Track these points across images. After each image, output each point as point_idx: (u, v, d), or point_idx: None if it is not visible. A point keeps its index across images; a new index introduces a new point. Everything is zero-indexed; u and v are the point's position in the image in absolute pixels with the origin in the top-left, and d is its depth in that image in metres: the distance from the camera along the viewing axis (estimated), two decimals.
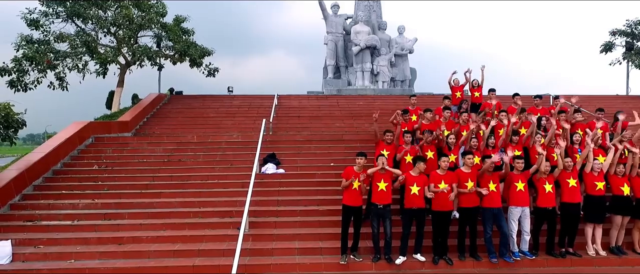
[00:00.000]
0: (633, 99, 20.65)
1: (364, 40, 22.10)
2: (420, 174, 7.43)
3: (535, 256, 7.65)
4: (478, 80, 12.81)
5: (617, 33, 22.17)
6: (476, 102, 12.16)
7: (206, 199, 9.58)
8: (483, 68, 12.54)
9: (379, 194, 7.44)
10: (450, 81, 12.54)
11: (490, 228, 7.52)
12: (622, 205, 7.75)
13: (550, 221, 7.69)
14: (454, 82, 12.69)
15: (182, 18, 19.83)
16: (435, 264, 7.46)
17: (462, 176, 7.47)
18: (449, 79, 12.48)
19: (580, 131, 9.58)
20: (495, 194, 7.48)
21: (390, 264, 7.43)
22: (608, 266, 7.62)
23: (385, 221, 7.47)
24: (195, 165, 11.35)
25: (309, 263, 7.45)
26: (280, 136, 13.56)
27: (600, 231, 7.84)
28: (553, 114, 10.01)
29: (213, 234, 8.26)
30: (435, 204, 7.43)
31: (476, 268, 7.47)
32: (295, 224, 8.70)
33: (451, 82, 12.42)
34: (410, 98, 11.40)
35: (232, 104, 18.57)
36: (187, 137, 13.15)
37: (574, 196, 7.65)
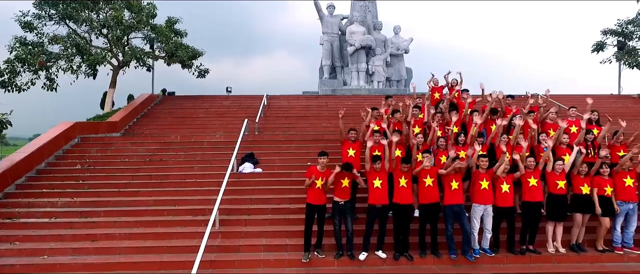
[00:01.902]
0: (622, 99, 20.70)
1: (359, 41, 22.27)
2: (381, 171, 7.61)
3: (495, 254, 7.80)
4: (457, 80, 12.99)
5: (608, 32, 22.16)
6: (454, 102, 12.31)
7: (182, 197, 9.82)
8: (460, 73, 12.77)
9: (341, 191, 7.65)
10: (429, 82, 12.70)
11: (452, 226, 7.69)
12: (582, 204, 7.88)
13: (508, 219, 7.84)
14: (433, 83, 12.88)
15: (174, 19, 20.16)
16: (395, 260, 7.64)
17: (422, 173, 7.64)
18: (428, 80, 12.65)
19: (552, 130, 9.70)
20: (457, 192, 7.64)
21: (352, 260, 7.61)
22: (566, 263, 7.74)
23: (346, 217, 7.67)
24: (175, 164, 11.60)
25: (273, 260, 7.66)
26: (263, 135, 13.79)
27: (560, 229, 7.97)
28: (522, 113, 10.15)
29: (184, 232, 8.49)
30: (396, 197, 7.60)
31: (436, 264, 7.64)
32: (265, 222, 8.91)
33: (430, 83, 12.58)
34: (385, 99, 11.56)
35: (222, 104, 18.83)
36: (170, 137, 13.41)
37: (534, 195, 7.79)
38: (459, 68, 30.72)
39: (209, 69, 20.79)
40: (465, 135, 8.90)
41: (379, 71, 22.88)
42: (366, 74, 22.79)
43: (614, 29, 21.98)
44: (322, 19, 23.61)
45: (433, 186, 7.68)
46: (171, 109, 18.20)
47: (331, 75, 23.83)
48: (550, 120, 10.07)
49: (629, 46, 22.10)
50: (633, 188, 7.82)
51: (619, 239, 7.97)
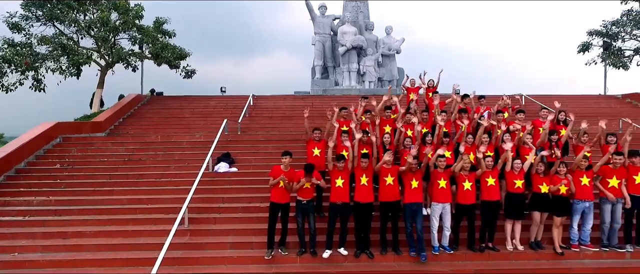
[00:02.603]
0: (606, 99, 20.88)
1: (350, 41, 22.46)
2: (344, 170, 7.81)
3: (454, 251, 7.99)
4: (434, 80, 13.22)
5: (594, 33, 22.30)
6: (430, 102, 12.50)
7: (156, 196, 10.02)
8: (441, 71, 12.98)
9: (304, 190, 7.84)
10: (405, 83, 12.91)
11: (411, 224, 7.87)
12: (540, 202, 8.06)
13: (469, 217, 8.03)
14: (409, 84, 13.12)
15: (163, 20, 20.36)
16: (356, 257, 7.83)
17: (383, 171, 7.83)
18: (404, 82, 12.86)
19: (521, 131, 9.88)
20: (416, 191, 7.82)
21: (314, 257, 7.81)
22: (523, 260, 7.93)
23: (309, 215, 7.86)
24: (152, 164, 11.79)
25: (237, 257, 7.87)
26: (244, 135, 13.99)
27: (519, 227, 8.16)
28: (491, 114, 10.35)
29: (154, 230, 8.69)
30: (357, 196, 7.80)
31: (396, 261, 7.83)
32: (234, 221, 9.10)
33: (406, 84, 12.80)
34: (361, 99, 11.74)
35: (209, 104, 19.04)
36: (151, 137, 13.61)
37: (492, 194, 7.98)
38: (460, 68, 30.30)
39: (195, 70, 21.02)
40: (433, 136, 9.08)
41: (370, 71, 23.06)
42: (357, 74, 22.98)
43: (599, 29, 22.10)
44: (313, 19, 23.81)
45: (393, 185, 7.86)
46: (158, 109, 18.43)
47: (323, 75, 24.05)
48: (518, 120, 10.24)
49: (614, 47, 22.26)
50: (589, 187, 7.99)
51: (576, 236, 8.15)
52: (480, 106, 11.29)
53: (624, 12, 21.28)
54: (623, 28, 21.39)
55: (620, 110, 18.89)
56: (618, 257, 8.00)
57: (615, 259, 7.95)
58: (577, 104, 19.85)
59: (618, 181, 7.94)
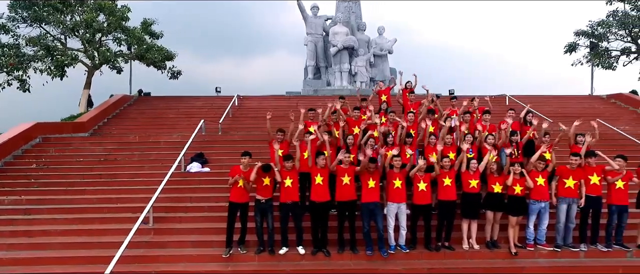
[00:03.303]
0: (590, 99, 20.94)
1: (341, 41, 22.61)
2: (293, 170, 7.95)
3: (410, 250, 8.11)
4: (412, 82, 13.36)
5: (580, 34, 22.34)
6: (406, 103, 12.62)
7: (126, 195, 10.18)
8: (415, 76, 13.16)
9: (263, 189, 7.99)
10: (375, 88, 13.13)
11: (368, 223, 8.00)
12: (494, 202, 8.17)
13: (425, 217, 8.16)
14: (378, 86, 13.33)
15: (150, 21, 20.54)
16: (313, 255, 7.97)
17: (340, 171, 7.97)
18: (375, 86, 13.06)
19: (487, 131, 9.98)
20: (373, 190, 7.95)
21: (272, 255, 7.95)
22: (479, 259, 8.05)
23: (267, 214, 8.01)
24: (127, 164, 11.97)
25: (196, 255, 8.02)
26: (222, 136, 14.16)
27: (475, 226, 8.27)
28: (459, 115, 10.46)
29: (119, 228, 8.80)
30: (312, 195, 7.94)
31: (352, 260, 7.96)
32: (199, 220, 9.26)
33: (376, 87, 13.01)
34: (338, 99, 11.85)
35: (194, 105, 19.21)
36: (129, 137, 13.79)
37: (448, 194, 8.10)
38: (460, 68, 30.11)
39: (181, 71, 21.19)
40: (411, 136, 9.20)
41: (362, 72, 23.18)
42: (349, 74, 23.13)
43: (585, 30, 22.15)
44: (306, 19, 23.99)
45: (350, 184, 8.00)
46: (144, 109, 18.65)
47: (316, 75, 24.24)
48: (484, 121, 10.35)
49: (601, 47, 22.31)
50: (545, 187, 8.09)
51: (532, 236, 8.25)
52: (452, 107, 11.41)
53: (609, 13, 21.31)
54: (609, 28, 21.43)
55: (603, 110, 18.96)
56: (572, 256, 8.10)
57: (570, 258, 8.05)
58: (561, 105, 19.97)
59: (574, 182, 8.04)
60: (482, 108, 11.07)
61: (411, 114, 10.26)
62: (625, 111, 18.98)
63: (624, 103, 19.64)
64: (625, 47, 22.08)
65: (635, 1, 20.70)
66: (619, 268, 7.80)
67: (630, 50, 21.96)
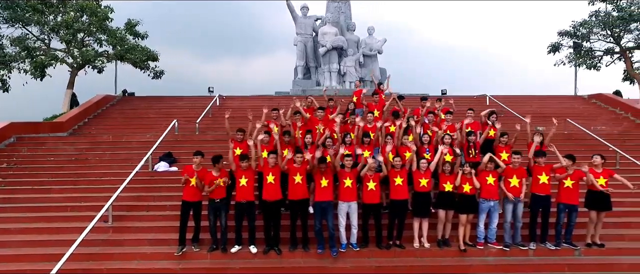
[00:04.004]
0: (571, 100, 21.01)
1: (330, 41, 22.73)
2: (248, 169, 8.08)
3: (361, 248, 8.23)
4: (384, 84, 13.58)
5: (564, 34, 22.40)
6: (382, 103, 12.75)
7: (92, 194, 10.31)
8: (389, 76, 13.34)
9: (217, 189, 8.11)
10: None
11: (320, 221, 8.12)
12: (445, 201, 8.28)
13: (375, 215, 8.27)
14: (354, 86, 13.44)
15: (135, 22, 20.71)
16: (265, 254, 8.10)
17: (292, 170, 8.10)
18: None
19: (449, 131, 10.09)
20: (325, 189, 8.07)
21: (224, 253, 8.08)
22: (429, 258, 8.16)
23: (221, 214, 8.13)
24: (98, 163, 12.11)
25: (150, 253, 8.16)
26: (198, 135, 14.28)
27: (426, 224, 8.38)
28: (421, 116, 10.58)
29: (78, 227, 8.87)
30: (264, 194, 8.06)
31: (303, 258, 8.08)
32: (159, 218, 9.39)
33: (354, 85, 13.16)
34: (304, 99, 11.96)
35: (176, 105, 19.34)
36: (103, 137, 13.92)
37: (399, 193, 8.21)
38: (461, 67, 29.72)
39: (164, 71, 21.34)
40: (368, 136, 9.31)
41: (351, 72, 23.27)
42: (338, 74, 23.23)
43: (569, 30, 22.20)
44: (295, 19, 24.12)
45: (302, 183, 8.12)
46: (125, 109, 18.79)
47: (306, 75, 24.36)
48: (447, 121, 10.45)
49: (584, 48, 22.37)
50: (494, 186, 8.19)
51: (482, 235, 8.35)
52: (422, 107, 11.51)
53: (591, 13, 21.38)
54: (591, 29, 21.49)
55: (582, 110, 19.06)
56: (521, 254, 8.22)
57: (518, 257, 8.16)
58: (542, 105, 20.05)
59: (518, 180, 8.15)
60: (445, 109, 11.18)
61: (370, 114, 10.39)
62: (604, 111, 19.06)
63: (603, 103, 19.73)
64: (608, 48, 22.14)
65: (616, 1, 20.74)
66: (565, 267, 7.91)
67: (613, 50, 22.02)
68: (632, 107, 18.22)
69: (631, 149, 13.12)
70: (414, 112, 10.79)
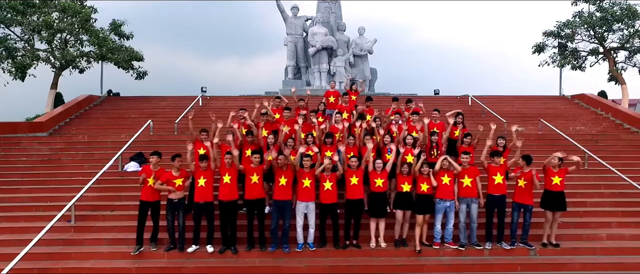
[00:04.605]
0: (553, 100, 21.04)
1: (320, 42, 22.81)
2: (207, 169, 8.14)
3: (318, 248, 8.29)
4: (358, 84, 13.64)
5: (549, 34, 22.41)
6: (354, 104, 12.81)
7: (58, 194, 10.37)
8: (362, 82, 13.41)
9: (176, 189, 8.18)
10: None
11: (277, 220, 8.20)
12: (403, 201, 8.34)
13: (332, 215, 8.33)
14: (329, 87, 13.54)
15: (120, 22, 20.79)
16: (221, 254, 8.16)
17: (249, 170, 8.16)
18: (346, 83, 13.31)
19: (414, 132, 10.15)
20: (283, 188, 8.13)
21: (181, 253, 8.15)
22: (384, 257, 8.21)
23: (179, 214, 8.20)
24: (70, 163, 12.19)
25: (108, 252, 8.22)
26: (177, 135, 14.33)
27: (383, 225, 8.43)
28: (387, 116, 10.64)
29: (41, 226, 8.94)
30: (220, 194, 8.13)
31: (259, 257, 8.15)
32: (122, 218, 9.45)
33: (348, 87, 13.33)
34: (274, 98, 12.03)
35: (159, 105, 19.43)
36: (78, 137, 14.00)
37: (355, 193, 8.27)
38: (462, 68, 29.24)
39: (147, 71, 21.42)
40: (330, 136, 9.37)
41: (341, 72, 23.34)
42: (328, 74, 23.30)
43: (553, 30, 22.21)
44: (285, 20, 24.23)
45: (258, 183, 8.19)
46: (108, 109, 18.87)
47: (296, 75, 24.46)
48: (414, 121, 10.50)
49: (569, 48, 22.39)
50: (450, 187, 8.24)
51: (439, 234, 8.40)
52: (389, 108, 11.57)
53: (575, 13, 21.39)
54: (576, 29, 21.50)
55: (563, 110, 19.11)
56: (477, 254, 8.27)
57: (473, 257, 8.21)
58: (525, 105, 20.10)
59: (470, 180, 8.21)
60: (416, 109, 11.22)
61: (338, 115, 10.45)
62: (585, 111, 19.11)
63: (585, 104, 19.78)
64: (593, 48, 22.16)
65: (599, 2, 20.76)
66: (518, 266, 7.96)
67: (598, 51, 22.04)
68: (613, 107, 18.27)
69: (603, 149, 13.20)
70: (385, 112, 10.86)
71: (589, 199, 10.20)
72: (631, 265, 7.89)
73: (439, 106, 13.37)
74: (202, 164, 8.12)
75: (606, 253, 8.28)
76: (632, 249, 8.36)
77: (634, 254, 8.23)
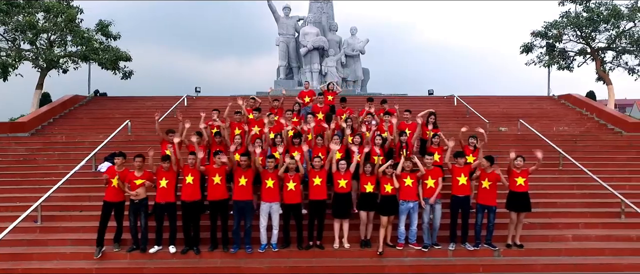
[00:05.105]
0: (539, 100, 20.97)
1: (311, 42, 22.83)
2: (169, 170, 8.14)
3: (281, 249, 8.28)
4: (334, 84, 13.64)
5: (536, 34, 22.36)
6: (329, 104, 12.80)
7: (30, 195, 10.33)
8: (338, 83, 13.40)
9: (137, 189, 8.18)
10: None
11: (238, 221, 8.19)
12: (367, 202, 8.31)
13: (296, 216, 8.32)
14: (304, 87, 13.55)
15: (107, 23, 20.80)
16: (183, 254, 8.15)
17: (211, 171, 8.15)
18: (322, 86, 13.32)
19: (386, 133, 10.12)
20: (243, 188, 8.12)
21: (143, 253, 8.14)
22: (348, 258, 8.19)
23: (141, 214, 8.19)
24: (45, 164, 12.18)
25: (70, 253, 8.23)
26: (147, 136, 14.32)
27: (347, 225, 8.41)
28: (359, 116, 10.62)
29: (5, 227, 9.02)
30: (183, 195, 8.12)
31: (222, 258, 8.13)
32: (90, 218, 9.41)
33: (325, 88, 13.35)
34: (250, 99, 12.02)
35: (144, 105, 19.44)
36: (56, 137, 14.00)
37: (318, 194, 8.25)
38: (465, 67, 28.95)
39: (133, 71, 21.43)
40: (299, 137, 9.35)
41: (332, 72, 23.33)
42: (319, 74, 23.28)
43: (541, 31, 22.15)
44: (277, 20, 24.25)
45: (221, 184, 8.18)
46: (93, 110, 18.89)
47: (288, 76, 24.47)
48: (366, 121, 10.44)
49: (557, 48, 22.35)
50: (413, 188, 8.20)
51: (403, 235, 8.37)
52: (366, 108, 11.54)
53: (562, 14, 21.34)
54: (563, 29, 21.44)
55: (549, 111, 19.07)
56: (440, 255, 8.25)
57: (436, 257, 8.19)
58: (511, 105, 20.06)
59: (433, 181, 8.19)
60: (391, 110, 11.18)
61: (310, 115, 10.43)
62: (571, 111, 19.07)
63: (571, 104, 19.74)
64: (581, 49, 22.10)
65: (586, 2, 20.71)
66: (480, 267, 7.94)
67: (586, 51, 21.99)
68: (597, 108, 18.23)
69: (580, 150, 13.18)
70: (359, 113, 10.85)
71: (560, 200, 10.17)
72: (592, 266, 7.86)
73: (428, 106, 13.39)
74: (165, 165, 8.11)
75: (570, 254, 8.25)
76: (596, 250, 8.33)
77: (597, 255, 8.20)
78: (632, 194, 10.19)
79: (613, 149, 13.47)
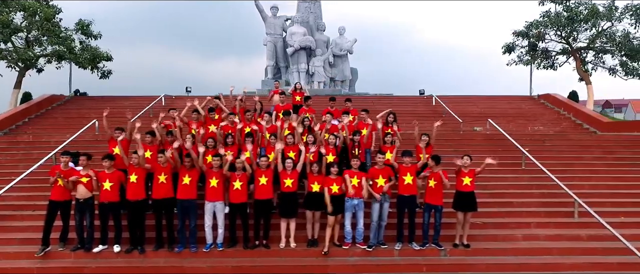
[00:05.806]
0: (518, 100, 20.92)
1: (298, 41, 22.80)
2: (113, 172, 8.11)
3: (227, 248, 8.24)
4: (302, 84, 13.66)
5: (518, 34, 22.29)
6: (297, 104, 12.77)
7: None
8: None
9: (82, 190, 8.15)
10: None
11: (182, 220, 8.17)
12: (312, 201, 8.27)
13: (242, 215, 8.28)
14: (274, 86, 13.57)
15: (87, 22, 20.78)
16: (127, 253, 8.12)
17: (157, 169, 8.13)
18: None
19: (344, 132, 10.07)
20: (187, 187, 8.09)
21: (87, 252, 8.11)
22: (293, 258, 8.15)
23: (86, 214, 8.17)
24: (7, 163, 12.16)
25: (14, 252, 8.21)
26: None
27: (293, 225, 8.37)
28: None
29: None
30: (128, 194, 8.09)
31: (166, 257, 8.10)
32: (40, 218, 9.25)
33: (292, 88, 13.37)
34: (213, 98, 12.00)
35: (122, 105, 19.34)
36: (23, 136, 13.98)
37: (264, 193, 8.21)
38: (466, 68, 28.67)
39: (111, 71, 21.42)
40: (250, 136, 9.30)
41: (319, 72, 23.32)
42: (307, 74, 23.25)
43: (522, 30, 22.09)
44: (265, 19, 24.21)
45: (166, 183, 8.15)
46: (70, 109, 18.91)
47: (276, 75, 24.42)
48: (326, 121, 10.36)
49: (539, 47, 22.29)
50: (358, 187, 8.13)
51: (349, 234, 8.31)
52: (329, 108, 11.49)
53: (542, 13, 21.27)
54: (544, 29, 21.37)
55: (526, 110, 19.04)
56: (386, 254, 8.20)
57: (382, 257, 8.14)
58: (490, 105, 20.02)
59: (384, 180, 8.14)
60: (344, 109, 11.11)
61: (267, 115, 10.42)
62: (549, 111, 19.05)
63: (550, 104, 19.72)
64: (564, 48, 22.04)
65: (566, 2, 20.64)
66: (423, 267, 7.89)
67: (568, 50, 21.92)
68: (575, 107, 18.20)
69: (547, 149, 13.12)
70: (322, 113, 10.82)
71: (516, 199, 10.12)
72: (536, 266, 7.82)
73: (408, 105, 13.34)
74: (105, 163, 8.09)
75: (516, 254, 8.20)
76: (543, 250, 8.28)
77: (544, 255, 8.15)
78: (590, 193, 10.16)
79: (580, 149, 13.42)
